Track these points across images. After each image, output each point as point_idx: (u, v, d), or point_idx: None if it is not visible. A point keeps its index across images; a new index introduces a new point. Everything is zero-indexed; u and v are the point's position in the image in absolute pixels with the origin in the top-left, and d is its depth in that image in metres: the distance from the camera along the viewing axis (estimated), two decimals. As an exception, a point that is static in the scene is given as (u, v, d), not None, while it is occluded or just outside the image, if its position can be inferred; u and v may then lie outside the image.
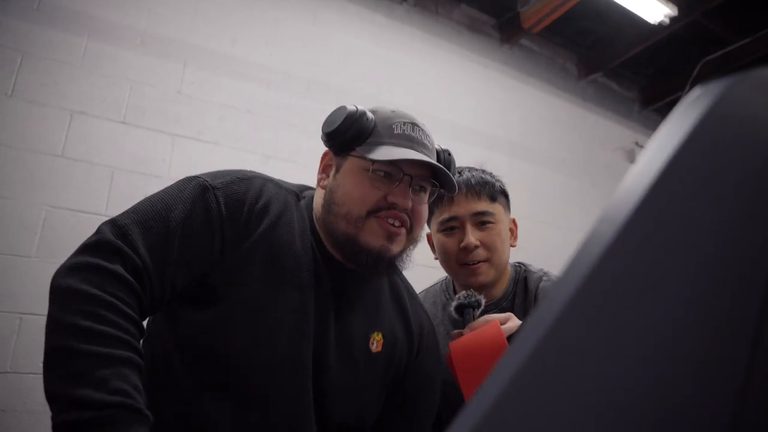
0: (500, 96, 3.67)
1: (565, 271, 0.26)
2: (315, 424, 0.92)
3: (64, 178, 2.07)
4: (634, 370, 0.24)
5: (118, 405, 0.67)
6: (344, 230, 0.95)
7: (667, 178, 0.26)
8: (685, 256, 0.26)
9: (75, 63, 2.21)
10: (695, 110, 0.30)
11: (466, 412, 0.23)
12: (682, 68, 4.13)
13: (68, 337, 0.71)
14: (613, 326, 0.24)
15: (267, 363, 0.88)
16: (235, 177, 0.95)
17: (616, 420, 0.23)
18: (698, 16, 3.52)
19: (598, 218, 0.27)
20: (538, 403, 0.23)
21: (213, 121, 2.45)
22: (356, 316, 1.01)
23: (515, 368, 0.23)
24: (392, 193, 0.94)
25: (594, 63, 4.14)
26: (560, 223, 3.62)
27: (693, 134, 0.28)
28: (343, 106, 0.99)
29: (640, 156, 0.30)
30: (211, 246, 0.88)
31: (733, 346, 0.25)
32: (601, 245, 0.25)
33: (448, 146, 1.09)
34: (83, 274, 0.76)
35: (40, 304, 1.92)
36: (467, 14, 3.66)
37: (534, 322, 0.24)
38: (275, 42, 2.76)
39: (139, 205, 0.88)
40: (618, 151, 4.32)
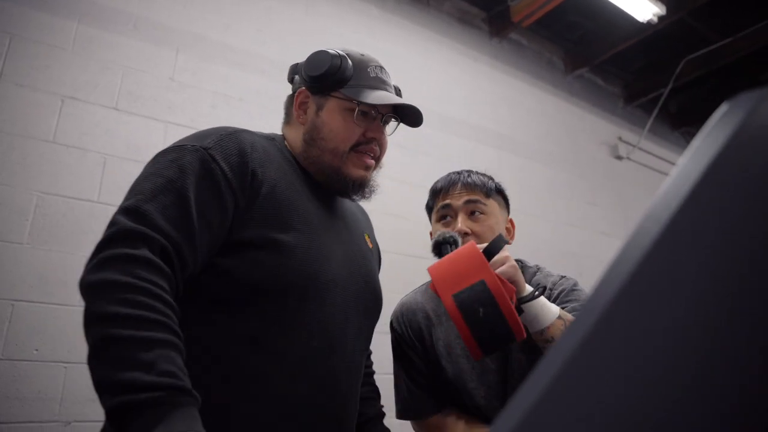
0: (489, 89, 3.70)
1: (603, 278, 0.27)
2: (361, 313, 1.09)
3: (56, 164, 2.05)
4: (664, 371, 0.25)
5: (169, 386, 0.68)
6: (330, 162, 1.08)
7: (701, 191, 0.27)
8: (718, 267, 0.27)
9: (66, 47, 2.18)
10: (727, 125, 0.31)
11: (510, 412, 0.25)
12: (666, 66, 4.21)
13: (109, 325, 0.72)
14: (650, 329, 0.26)
15: (327, 281, 1.00)
16: (219, 135, 0.97)
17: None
18: (684, 15, 3.59)
19: (636, 226, 0.28)
20: (577, 403, 0.24)
21: (206, 109, 2.43)
22: (352, 223, 1.19)
23: (556, 369, 0.24)
24: (370, 130, 1.10)
25: (580, 58, 4.20)
26: (548, 216, 3.68)
27: (726, 149, 0.28)
28: (322, 50, 1.11)
29: (674, 169, 0.30)
30: (225, 204, 0.91)
31: (758, 347, 0.26)
32: (639, 253, 0.26)
33: (438, 137, 1.29)
34: (112, 266, 0.76)
35: (32, 290, 1.91)
36: (458, 7, 3.68)
37: (577, 323, 0.26)
38: (268, 30, 2.75)
39: (140, 186, 0.88)
40: (603, 145, 4.39)
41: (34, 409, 1.84)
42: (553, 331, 1.00)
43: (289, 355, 0.94)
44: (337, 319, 1.01)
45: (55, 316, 1.93)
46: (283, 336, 0.94)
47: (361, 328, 1.10)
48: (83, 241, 2.03)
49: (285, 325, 0.94)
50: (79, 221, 2.05)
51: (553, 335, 1.00)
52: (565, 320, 1.03)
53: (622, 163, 4.48)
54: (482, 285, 0.87)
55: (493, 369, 1.21)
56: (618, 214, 4.23)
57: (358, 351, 1.09)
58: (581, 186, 4.05)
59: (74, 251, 2.01)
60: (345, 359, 1.03)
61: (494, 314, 0.85)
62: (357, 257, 1.13)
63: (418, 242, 2.95)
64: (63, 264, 1.98)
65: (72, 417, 1.90)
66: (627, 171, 4.50)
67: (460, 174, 1.31)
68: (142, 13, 2.38)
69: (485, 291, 0.86)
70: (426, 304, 1.35)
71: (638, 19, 3.32)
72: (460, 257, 0.93)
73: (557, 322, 1.01)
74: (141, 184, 0.88)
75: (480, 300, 0.86)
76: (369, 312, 1.14)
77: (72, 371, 1.93)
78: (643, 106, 4.70)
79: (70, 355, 1.93)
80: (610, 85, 4.62)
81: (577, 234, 3.85)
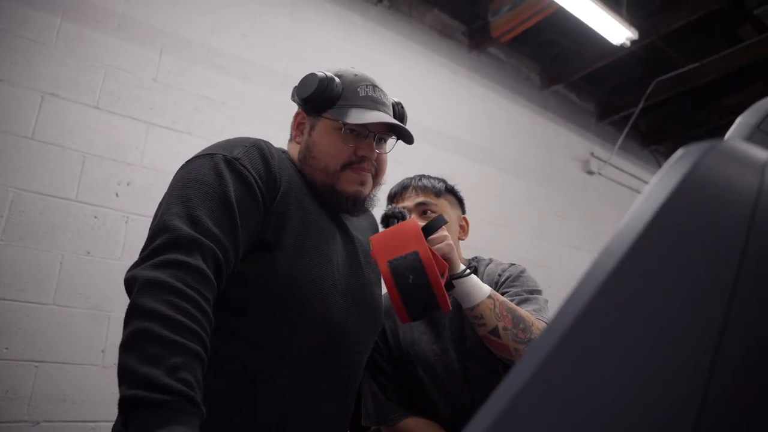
0: (467, 101, 3.78)
1: (568, 297, 0.31)
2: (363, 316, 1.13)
3: (33, 160, 2.03)
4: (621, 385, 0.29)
5: (182, 394, 0.71)
6: (322, 181, 1.12)
7: (654, 226, 0.32)
8: (666, 290, 0.31)
9: (48, 43, 2.16)
10: (677, 172, 0.36)
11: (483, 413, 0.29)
12: (637, 86, 4.37)
13: (151, 322, 0.75)
14: (610, 343, 0.30)
15: (329, 285, 1.04)
16: (245, 146, 1.03)
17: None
18: (655, 39, 3.73)
19: (599, 255, 0.33)
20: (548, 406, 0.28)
21: (188, 111, 2.44)
22: (357, 233, 1.21)
23: (522, 382, 0.28)
24: (361, 148, 1.12)
25: (556, 75, 4.32)
26: (521, 228, 3.77)
27: (675, 192, 0.34)
28: (313, 73, 1.13)
29: (634, 204, 0.36)
30: (258, 209, 0.98)
31: (697, 359, 0.30)
32: (600, 278, 0.31)
33: (415, 148, 1.26)
34: (168, 269, 0.80)
35: (5, 287, 1.89)
36: (440, 19, 3.75)
37: (542, 339, 0.30)
38: (253, 35, 2.76)
39: (183, 193, 0.92)
40: (575, 160, 4.52)
41: (2, 408, 1.83)
42: (482, 308, 1.10)
43: (288, 357, 0.99)
44: (338, 322, 1.05)
45: (27, 314, 1.91)
46: (283, 337, 0.98)
47: (362, 333, 1.13)
48: (59, 239, 2.02)
49: (286, 327, 0.99)
50: (56, 219, 2.03)
51: (482, 312, 1.10)
52: (495, 300, 1.12)
53: (594, 178, 4.61)
54: (415, 255, 0.96)
55: (457, 368, 1.29)
56: (588, 228, 4.36)
57: (359, 354, 1.13)
58: (554, 199, 4.16)
59: (50, 249, 1.99)
60: (345, 361, 1.08)
61: (422, 283, 0.94)
62: (361, 266, 1.16)
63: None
64: (38, 261, 1.96)
65: (41, 417, 1.88)
66: (598, 186, 4.64)
67: (412, 179, 1.45)
68: (127, 13, 2.37)
69: (417, 261, 0.95)
70: (389, 306, 1.40)
71: (612, 42, 3.44)
72: (400, 229, 1.02)
73: (487, 301, 1.11)
74: (184, 191, 0.93)
75: (411, 268, 0.95)
76: (370, 319, 1.16)
77: (43, 370, 1.91)
78: (615, 124, 4.85)
79: (41, 353, 1.92)
80: (584, 101, 4.76)
81: (548, 247, 3.95)
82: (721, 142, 0.38)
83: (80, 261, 2.06)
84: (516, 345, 1.11)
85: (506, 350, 1.12)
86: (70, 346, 1.98)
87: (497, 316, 1.11)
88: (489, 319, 1.10)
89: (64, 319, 1.98)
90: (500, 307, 1.12)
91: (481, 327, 1.12)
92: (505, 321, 1.11)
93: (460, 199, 1.48)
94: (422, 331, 1.34)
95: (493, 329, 1.11)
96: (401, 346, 1.35)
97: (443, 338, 1.31)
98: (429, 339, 1.33)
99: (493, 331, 1.11)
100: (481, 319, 1.11)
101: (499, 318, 1.11)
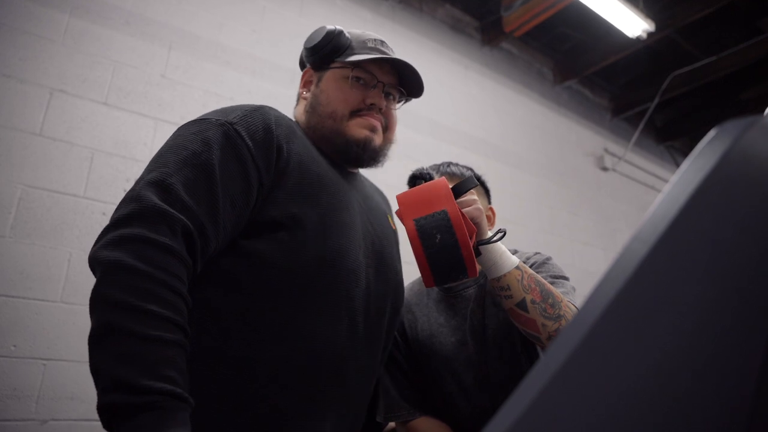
0: (479, 96, 3.73)
1: (600, 282, 0.29)
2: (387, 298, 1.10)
3: (41, 157, 2.02)
4: (653, 381, 0.26)
5: (165, 392, 0.66)
6: (331, 126, 1.08)
7: (689, 211, 0.29)
8: (703, 282, 0.28)
9: (56, 39, 2.15)
10: (714, 151, 0.33)
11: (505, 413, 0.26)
12: (653, 80, 4.28)
13: (117, 314, 0.69)
14: (638, 339, 0.27)
15: (353, 261, 0.99)
16: (244, 110, 0.97)
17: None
18: (671, 32, 3.65)
19: (629, 241, 0.30)
20: (573, 401, 0.25)
21: (196, 107, 2.42)
22: (374, 204, 1.18)
23: (556, 366, 0.26)
24: (369, 96, 1.10)
25: (569, 70, 4.25)
26: (532, 224, 3.72)
27: (713, 173, 0.30)
28: (322, 26, 1.13)
29: (665, 189, 0.32)
30: (250, 181, 0.90)
31: (744, 366, 0.28)
32: (632, 266, 0.28)
33: (427, 143, 1.27)
34: (129, 247, 0.74)
35: (12, 285, 1.88)
36: (451, 14, 3.70)
37: (566, 334, 0.27)
38: (262, 31, 2.74)
39: (163, 158, 0.86)
40: (589, 156, 4.45)
41: (9, 407, 1.81)
42: (509, 279, 1.03)
43: (317, 339, 0.92)
44: (362, 299, 1.00)
45: (35, 311, 1.90)
46: (310, 316, 0.92)
47: (385, 310, 1.09)
48: (67, 236, 2.01)
49: (312, 305, 0.93)
50: (64, 216, 2.02)
51: (509, 283, 1.03)
52: (524, 272, 1.05)
53: (607, 175, 4.54)
54: (444, 214, 0.90)
55: (475, 361, 1.24)
56: (600, 225, 4.29)
57: (383, 331, 1.09)
58: (566, 196, 4.10)
59: (57, 246, 1.98)
60: (369, 340, 1.03)
61: (450, 243, 0.88)
62: (379, 238, 1.12)
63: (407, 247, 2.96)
64: (45, 259, 1.95)
65: (49, 415, 1.87)
66: (612, 182, 4.56)
67: (440, 165, 1.36)
68: (135, 9, 2.36)
69: (445, 219, 0.89)
70: (409, 299, 1.38)
71: (627, 34, 3.37)
72: (428, 187, 0.96)
73: (515, 272, 1.04)
74: (164, 156, 0.86)
75: (439, 227, 0.89)
76: (393, 292, 1.12)
77: (51, 368, 1.90)
78: (629, 119, 4.77)
79: (49, 351, 1.90)
80: (597, 97, 4.68)
81: (560, 243, 3.89)
82: (763, 117, 0.34)
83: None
84: (544, 320, 1.02)
85: (533, 325, 1.03)
86: (78, 343, 1.96)
87: (525, 288, 1.03)
88: (516, 291, 1.03)
89: (72, 316, 1.96)
90: (528, 279, 1.04)
91: (507, 300, 1.04)
92: (533, 294, 1.03)
93: (486, 189, 1.42)
94: (441, 324, 1.29)
95: (520, 302, 1.03)
96: (419, 340, 1.31)
97: (463, 329, 1.26)
98: (448, 331, 1.28)
99: (521, 303, 1.03)
100: (508, 290, 1.03)
101: (527, 290, 1.03)
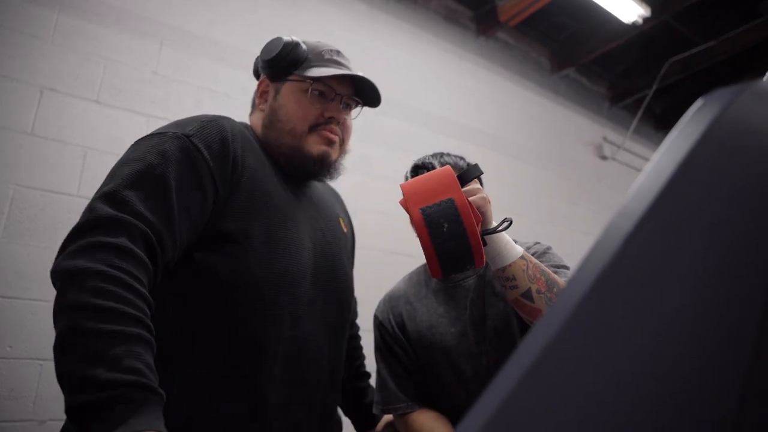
0: (474, 87, 3.71)
1: (579, 265, 0.27)
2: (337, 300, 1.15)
3: (33, 156, 2.01)
4: (640, 367, 0.24)
5: (133, 384, 0.66)
6: (290, 143, 1.10)
7: (676, 182, 0.27)
8: (692, 257, 0.27)
9: (46, 37, 2.13)
10: (702, 119, 0.31)
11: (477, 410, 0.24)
12: (651, 67, 4.25)
13: (78, 316, 0.69)
14: (622, 322, 0.25)
15: (301, 273, 1.02)
16: (200, 122, 0.97)
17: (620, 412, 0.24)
18: (668, 17, 3.62)
19: (611, 220, 0.28)
20: (548, 395, 0.24)
21: (190, 104, 2.40)
22: (325, 208, 1.21)
23: (533, 355, 0.24)
24: (328, 110, 1.12)
25: (566, 58, 4.22)
26: (531, 215, 3.70)
27: (701, 142, 0.29)
28: (278, 37, 1.14)
29: (650, 161, 0.31)
30: (206, 192, 0.91)
31: (736, 345, 0.26)
32: (615, 244, 0.26)
33: (422, 135, 1.28)
34: (87, 254, 0.74)
35: (7, 285, 1.87)
36: (445, 5, 3.67)
37: (547, 319, 0.25)
38: (254, 25, 2.72)
39: (119, 171, 0.86)
40: (588, 145, 4.42)
41: (7, 408, 1.81)
42: (514, 269, 1.02)
43: (267, 348, 0.94)
44: (308, 307, 1.03)
45: (31, 311, 1.89)
46: (259, 328, 0.94)
47: (334, 313, 1.13)
48: (61, 236, 1.97)
49: (260, 317, 0.94)
50: (58, 215, 2.01)
51: (515, 273, 1.02)
52: (528, 262, 1.04)
53: (607, 164, 4.52)
54: (450, 202, 0.88)
55: (475, 353, 1.23)
56: (600, 214, 4.27)
57: (335, 335, 1.13)
58: (565, 186, 4.08)
59: (51, 245, 1.97)
60: (320, 344, 1.06)
61: (458, 232, 0.87)
62: (330, 245, 1.15)
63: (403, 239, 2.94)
64: (40, 258, 1.94)
65: (47, 415, 1.87)
66: (611, 171, 4.54)
67: (435, 156, 1.36)
68: (126, 5, 2.34)
69: (453, 208, 0.88)
70: (408, 290, 1.38)
71: (623, 20, 3.35)
72: (433, 176, 0.95)
73: (520, 262, 1.03)
74: (120, 170, 0.87)
75: (446, 216, 0.87)
76: (341, 297, 1.17)
77: (48, 368, 1.89)
78: (628, 107, 4.74)
79: (46, 351, 1.89)
80: (595, 85, 4.65)
81: (559, 233, 3.88)
82: (754, 83, 0.32)
83: (83, 257, 2.03)
84: None
85: (539, 315, 1.02)
86: (75, 343, 1.95)
87: (530, 278, 1.02)
88: (522, 281, 1.02)
89: (68, 316, 1.95)
90: (533, 269, 1.04)
91: (512, 290, 1.04)
92: (538, 284, 1.03)
93: (480, 179, 1.42)
94: (440, 314, 1.29)
95: (525, 292, 1.02)
96: (419, 331, 1.30)
97: (462, 320, 1.26)
98: (448, 322, 1.27)
99: (526, 294, 1.02)
100: (514, 280, 1.02)
101: (532, 280, 1.02)
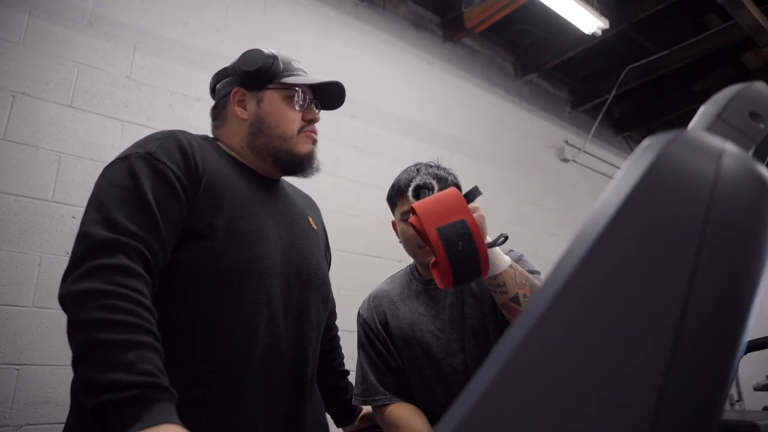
0: (442, 91, 3.81)
1: (543, 286, 0.32)
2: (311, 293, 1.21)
3: (6, 161, 2.00)
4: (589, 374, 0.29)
5: (147, 384, 0.74)
6: (280, 146, 1.21)
7: (620, 219, 0.33)
8: (627, 284, 0.32)
9: (16, 41, 2.12)
10: (643, 160, 0.39)
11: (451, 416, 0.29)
12: (610, 74, 4.44)
13: (91, 331, 0.76)
14: (570, 336, 0.30)
15: (268, 263, 1.09)
16: (158, 139, 1.05)
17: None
18: (625, 27, 3.80)
19: (572, 241, 0.34)
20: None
21: (163, 108, 2.42)
22: (293, 207, 1.29)
23: (493, 375, 0.29)
24: (307, 113, 1.26)
25: (530, 64, 4.37)
26: (497, 216, 3.82)
27: (642, 180, 0.35)
28: (255, 49, 1.25)
29: (605, 191, 0.38)
30: (179, 199, 0.99)
31: (649, 366, 0.30)
32: (564, 275, 0.32)
33: (393, 138, 1.40)
34: (94, 276, 0.81)
35: (-18, 291, 1.86)
36: (413, 11, 3.76)
37: (514, 329, 0.30)
38: (226, 30, 2.74)
39: (99, 199, 0.94)
40: (550, 148, 4.58)
41: None
42: (504, 277, 1.15)
43: (237, 335, 1.01)
44: (280, 296, 1.10)
45: (6, 317, 1.89)
46: (228, 317, 1.01)
47: (307, 303, 1.19)
48: (36, 241, 2.00)
49: (230, 307, 1.01)
50: (32, 220, 2.01)
51: (505, 281, 1.15)
52: (516, 270, 1.18)
53: (568, 166, 4.69)
54: (463, 223, 1.01)
55: (453, 349, 1.33)
56: (563, 215, 4.43)
57: (308, 325, 1.19)
58: (529, 187, 4.22)
59: (26, 251, 1.97)
60: (291, 333, 1.12)
61: (471, 249, 1.00)
62: (299, 238, 1.23)
63: (372, 241, 3.02)
64: (15, 264, 1.94)
65: (24, 420, 1.87)
66: (573, 173, 4.71)
67: (427, 171, 1.43)
68: (98, 9, 2.34)
69: (465, 228, 1.00)
70: (391, 291, 1.47)
71: (584, 31, 3.49)
72: (444, 198, 1.07)
73: (509, 270, 1.16)
74: (99, 197, 0.94)
75: (461, 235, 1.00)
76: (313, 286, 1.22)
77: (24, 373, 1.90)
78: (589, 111, 4.93)
79: (22, 356, 1.90)
80: (557, 90, 4.82)
81: (525, 234, 4.02)
82: (683, 132, 0.40)
83: (59, 262, 2.03)
84: None
85: None
86: (51, 347, 1.96)
87: (518, 285, 1.16)
88: (511, 287, 1.15)
89: (44, 320, 1.96)
90: (520, 276, 1.18)
91: (502, 295, 1.17)
92: (524, 289, 1.17)
93: (459, 189, 1.50)
94: (422, 313, 1.38)
95: (513, 297, 1.16)
96: (401, 327, 1.39)
97: (442, 319, 1.36)
98: (428, 320, 1.37)
99: (514, 298, 1.16)
100: (504, 287, 1.16)
101: (519, 286, 1.16)
